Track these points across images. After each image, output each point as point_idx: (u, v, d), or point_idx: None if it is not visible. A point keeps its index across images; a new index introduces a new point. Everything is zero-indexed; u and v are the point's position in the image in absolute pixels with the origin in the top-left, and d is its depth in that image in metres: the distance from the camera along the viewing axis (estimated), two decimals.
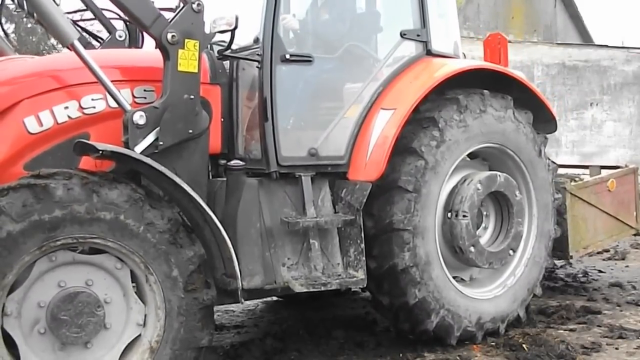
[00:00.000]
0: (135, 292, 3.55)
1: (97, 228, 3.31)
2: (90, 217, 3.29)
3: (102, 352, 3.44)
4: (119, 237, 3.36)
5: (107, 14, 5.30)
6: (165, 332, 3.50)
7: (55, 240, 3.25)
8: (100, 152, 3.37)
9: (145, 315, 3.53)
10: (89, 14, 5.42)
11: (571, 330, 4.99)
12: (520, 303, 4.99)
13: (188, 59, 3.81)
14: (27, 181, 3.24)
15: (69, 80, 3.85)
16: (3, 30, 5.49)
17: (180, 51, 3.78)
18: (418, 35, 4.80)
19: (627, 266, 7.63)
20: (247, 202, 3.99)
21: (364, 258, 4.21)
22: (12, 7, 5.39)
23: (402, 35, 4.76)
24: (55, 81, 3.82)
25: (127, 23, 5.25)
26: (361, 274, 4.19)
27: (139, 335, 3.54)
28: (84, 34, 5.29)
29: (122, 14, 4.81)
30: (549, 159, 5.26)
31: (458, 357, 4.43)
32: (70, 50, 3.63)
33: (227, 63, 4.40)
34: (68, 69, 3.90)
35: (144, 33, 4.55)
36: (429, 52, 4.84)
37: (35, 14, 3.72)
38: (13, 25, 18.16)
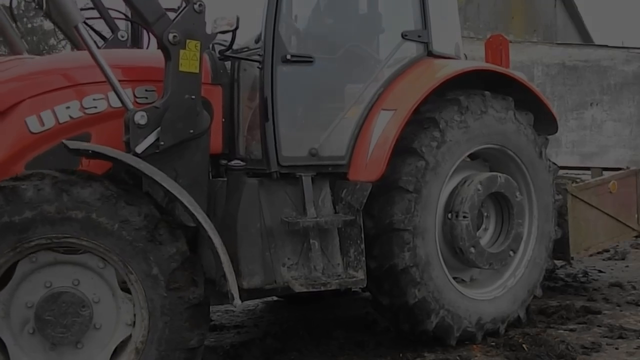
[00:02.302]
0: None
1: (69, 227, 3.25)
2: (61, 217, 3.22)
3: (94, 352, 3.39)
4: (93, 236, 3.29)
5: (113, 14, 5.31)
6: (150, 332, 3.38)
7: (29, 241, 3.21)
8: (77, 151, 3.39)
9: (135, 315, 3.45)
10: (93, 13, 5.42)
11: (571, 330, 4.99)
12: (521, 304, 4.99)
13: (189, 59, 3.80)
14: None
15: (71, 80, 3.85)
16: (17, 27, 5.49)
17: (182, 51, 3.77)
18: (419, 36, 4.80)
19: (627, 266, 7.64)
20: (247, 202, 4.00)
21: (364, 258, 4.21)
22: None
23: (403, 36, 4.76)
24: (56, 81, 3.82)
25: (132, 23, 5.25)
26: (361, 274, 4.19)
27: (130, 335, 3.46)
28: (90, 31, 5.29)
29: (127, 13, 4.82)
30: (550, 161, 5.27)
31: (458, 357, 4.43)
32: (75, 32, 3.60)
33: (228, 63, 4.41)
34: (70, 69, 3.91)
35: (149, 33, 4.55)
36: (430, 53, 4.84)
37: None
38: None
